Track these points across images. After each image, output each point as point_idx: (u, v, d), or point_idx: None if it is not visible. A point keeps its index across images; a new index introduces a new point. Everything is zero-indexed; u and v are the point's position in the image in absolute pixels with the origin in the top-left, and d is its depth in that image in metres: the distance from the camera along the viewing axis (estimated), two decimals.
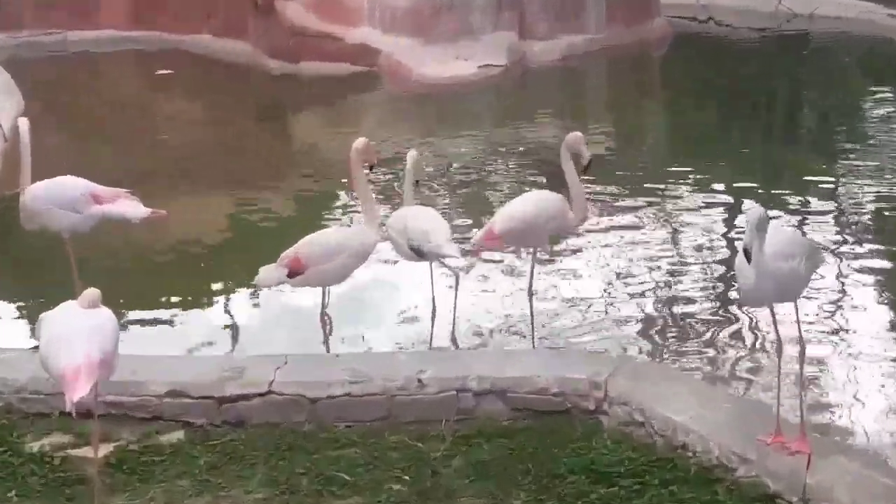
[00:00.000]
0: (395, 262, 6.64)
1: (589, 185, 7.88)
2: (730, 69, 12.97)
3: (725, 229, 7.91)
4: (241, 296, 6.83)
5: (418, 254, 5.76)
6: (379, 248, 6.06)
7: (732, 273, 6.70)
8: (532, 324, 6.14)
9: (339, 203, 8.48)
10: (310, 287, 5.84)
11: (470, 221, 7.76)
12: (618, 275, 7.02)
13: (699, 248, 7.50)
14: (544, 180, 8.60)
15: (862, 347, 5.79)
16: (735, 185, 8.76)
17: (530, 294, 6.23)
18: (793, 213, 8.12)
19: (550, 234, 6.20)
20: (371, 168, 5.69)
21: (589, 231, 7.58)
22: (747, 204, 8.22)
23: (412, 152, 6.09)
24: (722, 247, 7.53)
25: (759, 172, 9.27)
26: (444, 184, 8.93)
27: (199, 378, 4.93)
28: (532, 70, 12.79)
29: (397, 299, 6.60)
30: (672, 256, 7.35)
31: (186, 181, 8.97)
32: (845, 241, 7.42)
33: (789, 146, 10.20)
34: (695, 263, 7.22)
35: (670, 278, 6.98)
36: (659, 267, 7.15)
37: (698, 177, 9.04)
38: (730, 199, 8.54)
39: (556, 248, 7.26)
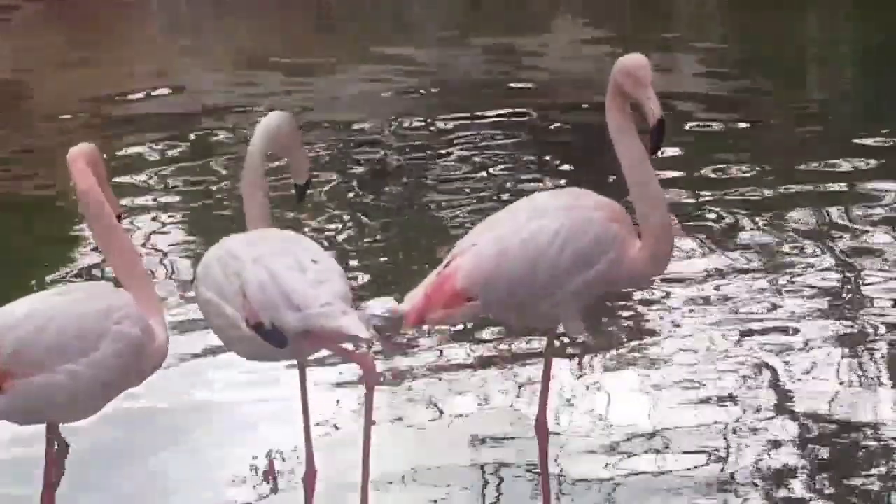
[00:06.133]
0: (220, 355, 6.74)
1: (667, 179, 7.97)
2: None
3: None
4: None
5: (273, 339, 5.56)
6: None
7: None
8: (545, 493, 6.18)
9: (76, 230, 8.72)
10: (17, 424, 5.69)
11: (393, 265, 7.97)
12: (742, 385, 7.06)
13: None
14: (567, 165, 8.81)
15: None
16: None
17: (544, 432, 6.23)
18: None
19: (589, 291, 6.03)
20: (119, 217, 5.85)
21: (672, 281, 7.73)
22: None
23: (276, 115, 6.18)
24: None
25: None
26: (333, 179, 9.21)
27: None
28: None
29: (226, 449, 6.61)
30: (854, 335, 7.48)
31: None
32: None
33: None
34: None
35: (846, 387, 7.04)
36: (829, 363, 7.22)
37: None
38: None
39: (604, 319, 7.39)
